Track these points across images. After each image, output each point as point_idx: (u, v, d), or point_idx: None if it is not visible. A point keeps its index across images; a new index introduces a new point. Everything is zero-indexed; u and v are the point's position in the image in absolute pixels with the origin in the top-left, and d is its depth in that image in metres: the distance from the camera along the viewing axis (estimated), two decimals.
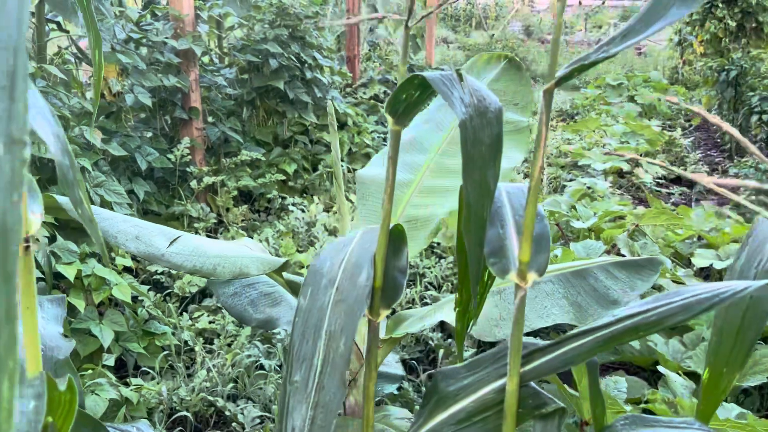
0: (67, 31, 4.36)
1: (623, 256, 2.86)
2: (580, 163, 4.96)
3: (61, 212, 1.41)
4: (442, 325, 3.19)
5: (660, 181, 5.38)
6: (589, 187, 4.08)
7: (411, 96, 0.74)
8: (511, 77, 1.98)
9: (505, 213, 0.84)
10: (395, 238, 0.88)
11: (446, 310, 1.54)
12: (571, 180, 5.26)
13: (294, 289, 1.60)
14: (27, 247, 0.74)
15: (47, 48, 3.79)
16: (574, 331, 0.78)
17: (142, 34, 3.96)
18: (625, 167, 4.81)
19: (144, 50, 4.07)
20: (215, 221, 4.25)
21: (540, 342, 0.80)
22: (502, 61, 2.01)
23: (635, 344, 2.55)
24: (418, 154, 1.92)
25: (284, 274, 1.62)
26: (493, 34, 14.15)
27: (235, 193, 4.40)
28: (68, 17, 3.64)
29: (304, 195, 4.91)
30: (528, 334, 2.90)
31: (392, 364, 2.21)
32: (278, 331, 2.87)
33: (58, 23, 4.04)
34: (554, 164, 5.45)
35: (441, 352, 2.91)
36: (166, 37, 4.03)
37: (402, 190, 1.85)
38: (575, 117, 7.97)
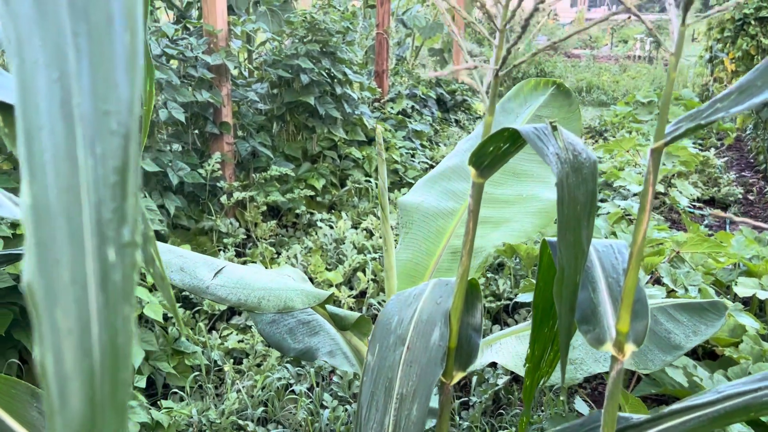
0: None
1: (665, 285, 2.78)
2: (614, 184, 4.87)
3: None
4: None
5: (694, 203, 5.27)
6: (624, 209, 3.99)
7: (499, 148, 0.69)
8: (560, 104, 1.92)
9: (595, 274, 0.78)
10: (469, 293, 0.83)
11: (495, 350, 1.48)
12: (602, 200, 5.17)
13: (337, 322, 1.55)
14: None
15: None
16: (674, 406, 0.72)
17: (177, 50, 3.96)
18: (660, 188, 4.71)
19: (175, 64, 4.08)
20: (244, 236, 4.23)
21: (634, 417, 0.74)
22: (550, 87, 1.95)
23: (679, 376, 2.47)
24: (463, 182, 1.86)
25: (327, 306, 1.58)
26: (519, 48, 14.07)
27: (264, 208, 4.38)
28: None
29: (332, 211, 4.88)
30: (586, 380, 2.82)
31: None
32: None
33: None
34: None
35: (475, 378, 2.83)
36: (200, 53, 4.03)
37: (446, 220, 1.80)
38: (604, 134, 7.86)
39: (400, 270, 1.74)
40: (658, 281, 3.02)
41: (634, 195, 4.72)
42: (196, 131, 4.44)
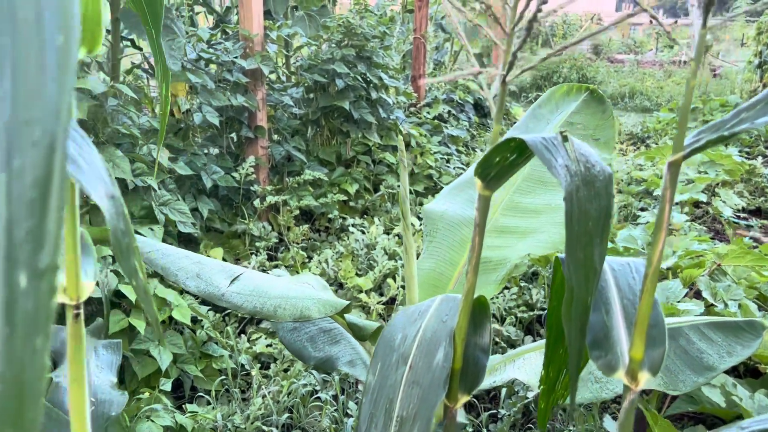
0: (141, 49, 4.46)
1: (704, 299, 2.67)
2: (654, 193, 4.73)
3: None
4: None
5: (739, 214, 5.09)
6: None
7: (505, 159, 0.65)
8: (593, 110, 1.86)
9: (610, 295, 0.73)
10: (477, 311, 0.78)
11: (518, 365, 1.43)
12: (642, 209, 5.03)
13: (356, 332, 1.52)
14: (77, 315, 0.68)
15: (120, 65, 3.86)
16: None
17: (212, 54, 4.00)
18: (703, 198, 4.56)
19: (213, 68, 4.11)
20: (276, 240, 4.24)
21: None
22: (583, 93, 1.89)
23: (716, 396, 2.36)
24: None
25: (346, 316, 1.55)
26: (561, 53, 13.87)
27: (297, 212, 4.38)
28: (141, 35, 3.70)
29: (365, 216, 4.86)
30: (614, 401, 2.73)
31: None
32: None
33: (132, 40, 4.12)
34: (625, 192, 5.23)
35: (504, 390, 2.77)
36: (235, 57, 4.06)
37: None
38: (646, 141, 7.67)
39: (423, 279, 1.70)
40: (698, 295, 2.91)
41: (675, 204, 4.58)
42: (232, 135, 4.47)
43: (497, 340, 3.25)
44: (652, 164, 5.74)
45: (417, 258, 1.84)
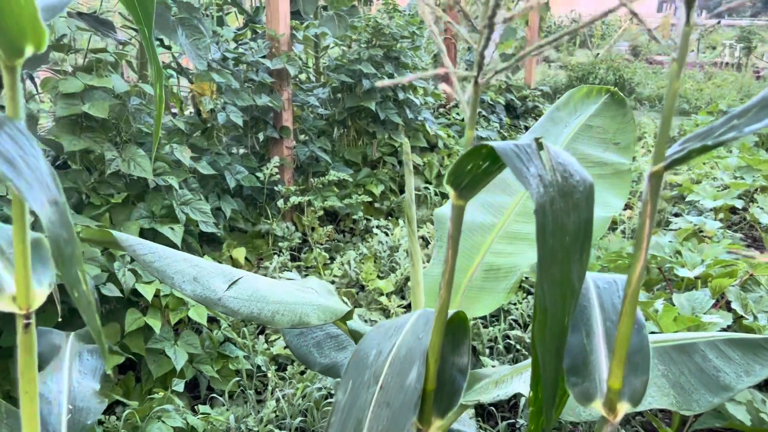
0: (169, 48, 4.50)
1: (733, 310, 2.56)
2: (687, 198, 4.59)
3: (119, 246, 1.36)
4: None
5: None
6: (696, 226, 3.74)
7: (478, 167, 0.60)
8: (613, 113, 1.79)
9: (591, 315, 0.67)
10: (455, 328, 0.74)
11: (525, 378, 1.37)
12: (676, 215, 4.88)
13: (357, 339, 1.48)
14: (27, 325, 0.65)
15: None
16: None
17: (237, 54, 4.00)
18: (739, 204, 4.40)
19: (242, 67, 4.12)
20: (299, 241, 4.22)
21: None
22: (604, 95, 1.82)
23: (741, 413, 2.26)
24: (502, 195, 1.76)
25: (349, 323, 1.51)
26: (598, 54, 13.62)
27: (321, 212, 4.36)
28: (168, 35, 3.72)
29: (390, 217, 4.82)
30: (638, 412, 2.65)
31: (465, 421, 2.04)
32: None
33: (161, 40, 4.15)
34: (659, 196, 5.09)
35: (523, 400, 2.70)
36: (261, 57, 4.06)
37: (482, 235, 1.69)
38: None
39: (431, 286, 1.65)
40: (728, 306, 2.80)
41: (710, 210, 4.43)
42: (258, 135, 4.48)
43: (518, 347, 3.18)
44: (688, 168, 5.57)
45: (428, 262, 1.79)
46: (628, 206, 4.95)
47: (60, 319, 2.38)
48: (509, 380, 1.43)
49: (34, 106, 3.03)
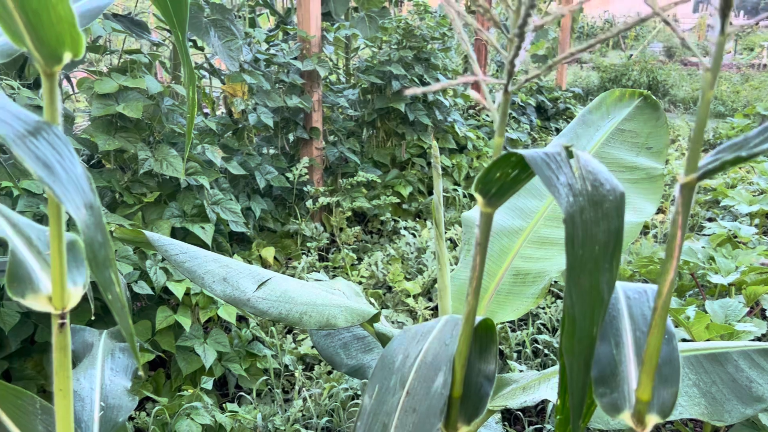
0: (202, 49, 4.56)
1: None
2: (722, 203, 4.50)
3: (150, 246, 1.38)
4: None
5: None
6: (731, 231, 3.66)
7: (507, 175, 0.60)
8: (646, 117, 1.76)
9: (621, 326, 0.67)
10: (482, 335, 0.73)
11: (553, 384, 1.36)
12: (710, 219, 4.80)
13: (384, 342, 1.48)
14: (62, 325, 0.66)
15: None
16: None
17: (268, 55, 4.04)
18: None
19: (273, 68, 4.15)
20: (328, 241, 4.25)
21: None
22: (636, 99, 1.79)
23: None
24: (532, 199, 1.74)
25: (375, 325, 1.51)
26: (631, 55, 13.43)
27: (350, 213, 4.38)
28: (201, 36, 3.77)
29: (418, 218, 4.81)
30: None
31: (491, 425, 2.03)
32: None
33: (193, 41, 4.21)
34: None
35: (551, 405, 2.68)
36: (292, 58, 4.09)
37: (511, 239, 1.68)
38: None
39: (458, 290, 1.64)
40: (763, 314, 2.74)
41: (746, 215, 4.34)
42: (288, 135, 4.51)
43: (546, 352, 3.15)
44: (724, 173, 5.46)
45: (456, 265, 1.79)
46: (660, 210, 4.87)
47: (93, 318, 2.43)
48: (536, 386, 1.42)
49: (70, 106, 3.10)
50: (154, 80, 3.01)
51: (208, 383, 2.56)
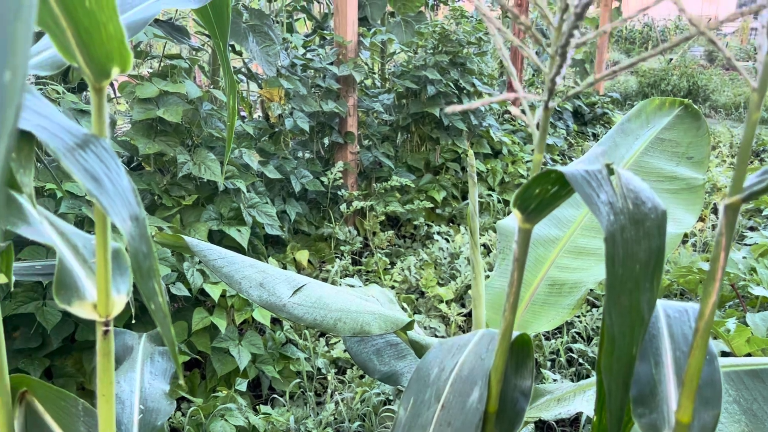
0: (240, 54, 4.62)
1: None
2: (765, 212, 4.39)
3: (187, 250, 1.40)
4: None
5: None
6: None
7: (546, 191, 0.60)
8: (687, 127, 1.73)
9: (661, 345, 0.66)
10: (519, 350, 0.73)
11: (589, 397, 1.34)
12: (752, 228, 4.68)
13: (417, 350, 1.48)
14: (106, 332, 0.68)
15: (220, 70, 4.01)
16: None
17: (305, 60, 4.08)
18: None
19: (310, 72, 4.19)
20: (361, 245, 4.26)
21: None
22: (677, 108, 1.76)
23: None
24: (568, 208, 1.73)
25: (409, 333, 1.51)
26: (671, 59, 13.18)
27: (383, 217, 4.39)
28: (239, 42, 3.82)
29: (451, 223, 4.80)
30: None
31: None
32: None
33: (232, 46, 4.27)
34: None
35: (584, 416, 2.64)
36: (328, 64, 4.12)
37: (547, 248, 1.67)
38: (761, 155, 7.15)
39: (492, 299, 1.64)
40: None
41: None
42: (323, 140, 4.55)
43: (581, 361, 3.11)
44: None
45: (490, 271, 1.78)
46: (699, 218, 4.77)
47: (133, 321, 2.48)
48: (571, 398, 1.40)
49: (111, 109, 3.17)
50: (193, 85, 3.06)
51: (242, 385, 2.59)
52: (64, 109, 2.63)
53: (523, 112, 0.61)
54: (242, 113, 4.78)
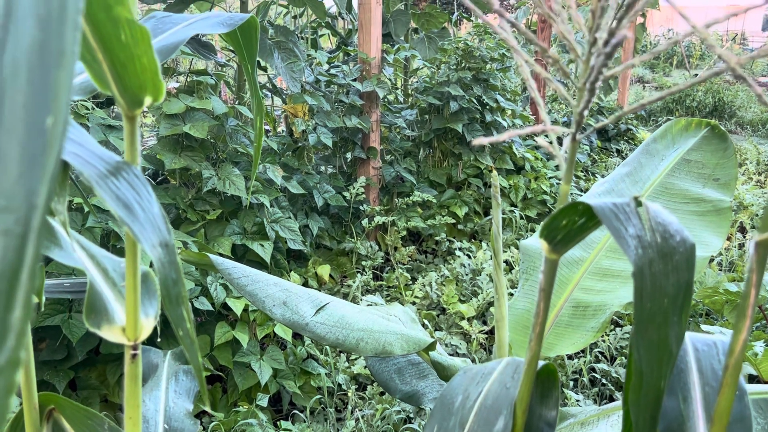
0: (265, 69, 4.68)
1: None
2: None
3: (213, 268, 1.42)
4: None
5: None
6: None
7: (573, 223, 0.60)
8: (713, 148, 1.71)
9: (689, 379, 0.65)
10: (544, 380, 0.73)
11: (614, 422, 1.32)
12: None
13: (439, 371, 1.48)
14: (134, 356, 0.69)
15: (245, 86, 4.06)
16: None
17: (329, 77, 4.11)
18: None
19: (333, 87, 4.23)
20: (382, 260, 4.26)
21: None
22: (703, 129, 1.75)
23: None
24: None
25: (431, 353, 1.51)
26: (696, 74, 13.04)
27: (404, 233, 4.39)
28: (265, 58, 3.87)
29: (473, 239, 4.78)
30: None
31: None
32: None
33: (257, 62, 4.32)
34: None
35: None
36: (352, 80, 4.15)
37: (571, 269, 1.65)
38: None
39: (516, 320, 1.63)
40: None
41: None
42: (346, 155, 4.57)
43: (604, 382, 3.07)
44: None
45: (513, 288, 1.77)
46: (729, 237, 4.69)
47: (158, 339, 2.50)
48: (595, 422, 1.39)
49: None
50: (219, 101, 3.10)
51: (263, 400, 2.60)
52: (93, 125, 2.68)
53: (549, 142, 0.61)
54: (266, 127, 4.83)
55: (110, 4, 0.51)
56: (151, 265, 1.22)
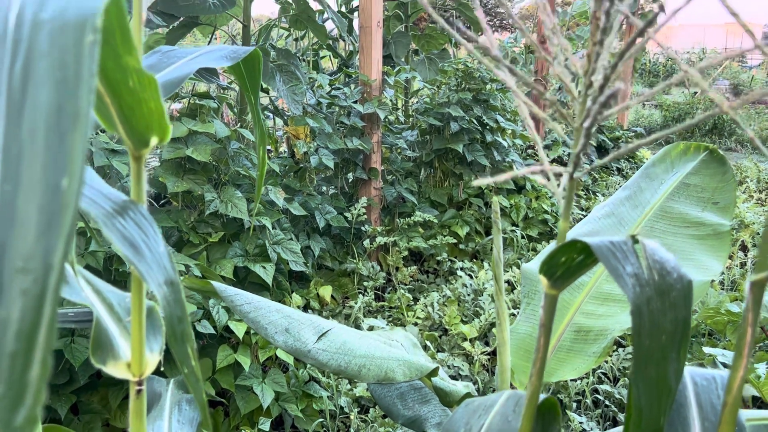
0: (267, 92, 4.71)
1: None
2: None
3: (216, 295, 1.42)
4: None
5: None
6: None
7: (572, 260, 0.61)
8: (712, 172, 1.73)
9: (689, 414, 0.65)
10: (545, 413, 0.73)
11: None
12: None
13: (442, 397, 1.48)
14: (139, 391, 0.70)
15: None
16: None
17: (331, 100, 4.15)
18: None
19: (335, 109, 4.26)
20: (384, 280, 4.26)
21: None
22: (702, 153, 1.76)
23: None
24: None
25: (433, 379, 1.51)
26: (696, 92, 13.11)
27: (406, 253, 4.40)
28: (267, 81, 3.90)
29: (475, 259, 4.79)
30: None
31: None
32: None
33: None
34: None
35: None
36: (353, 102, 4.19)
37: (572, 294, 1.66)
38: None
39: (517, 345, 1.63)
40: None
41: None
42: (347, 176, 4.59)
43: (607, 403, 3.06)
44: None
45: (514, 308, 1.77)
46: (731, 255, 4.69)
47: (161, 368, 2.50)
48: None
49: None
50: (222, 125, 3.13)
51: (265, 424, 2.59)
52: (96, 150, 2.70)
53: (548, 178, 0.62)
54: (268, 148, 4.85)
55: (119, 54, 0.52)
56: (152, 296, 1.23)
